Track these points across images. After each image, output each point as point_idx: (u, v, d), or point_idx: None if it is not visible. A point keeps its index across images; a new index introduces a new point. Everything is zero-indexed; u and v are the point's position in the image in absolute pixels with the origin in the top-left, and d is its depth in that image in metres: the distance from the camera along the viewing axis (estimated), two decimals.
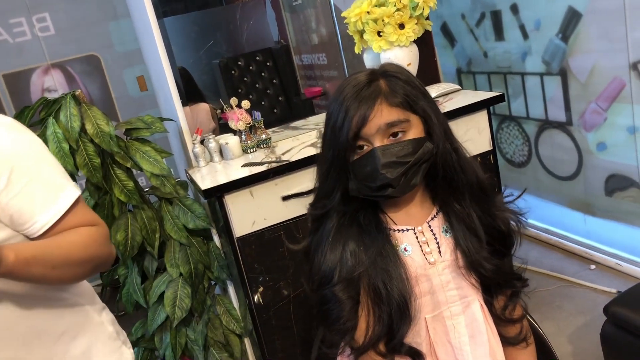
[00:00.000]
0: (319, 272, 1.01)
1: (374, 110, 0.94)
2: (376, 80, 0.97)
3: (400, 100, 0.95)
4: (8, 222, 0.93)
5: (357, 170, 0.97)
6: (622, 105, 2.30)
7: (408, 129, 0.96)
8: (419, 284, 1.02)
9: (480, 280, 1.04)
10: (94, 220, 1.02)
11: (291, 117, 2.75)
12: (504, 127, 3.06)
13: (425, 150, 0.97)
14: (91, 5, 3.35)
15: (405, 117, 0.95)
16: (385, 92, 0.95)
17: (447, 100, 2.17)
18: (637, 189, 2.36)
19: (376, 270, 0.98)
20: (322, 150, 1.02)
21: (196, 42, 3.27)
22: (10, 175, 0.92)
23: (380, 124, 0.94)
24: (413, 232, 1.04)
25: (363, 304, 1.00)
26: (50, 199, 0.96)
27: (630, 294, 1.76)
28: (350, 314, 0.98)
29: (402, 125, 0.95)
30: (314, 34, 3.01)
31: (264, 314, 1.88)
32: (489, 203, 1.04)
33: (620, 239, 2.55)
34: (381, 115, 0.94)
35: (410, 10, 2.00)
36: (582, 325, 2.28)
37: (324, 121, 1.01)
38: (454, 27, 3.18)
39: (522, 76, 2.79)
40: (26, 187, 0.93)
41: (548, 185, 2.86)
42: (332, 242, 1.00)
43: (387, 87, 0.96)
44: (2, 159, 0.92)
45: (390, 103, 0.95)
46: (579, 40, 2.39)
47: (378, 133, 0.94)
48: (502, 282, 1.04)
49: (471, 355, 1.03)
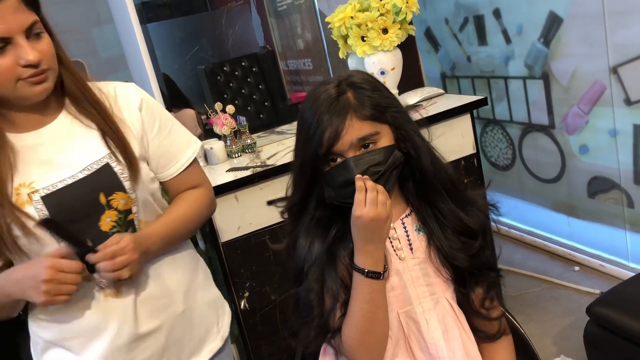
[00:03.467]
0: (294, 267, 1.06)
1: (345, 127, 0.97)
2: (344, 93, 0.99)
3: (369, 113, 0.98)
4: (154, 165, 1.13)
5: (331, 180, 1.01)
6: (603, 109, 2.33)
7: (379, 139, 0.99)
8: (388, 278, 1.04)
9: (455, 273, 1.06)
10: (203, 177, 1.22)
11: (277, 122, 2.75)
12: (488, 130, 3.09)
13: (396, 157, 1.00)
14: (74, 10, 3.33)
15: (375, 129, 0.99)
16: (354, 105, 0.98)
17: (431, 104, 2.19)
18: (619, 191, 2.39)
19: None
20: (294, 159, 1.06)
21: (181, 47, 3.26)
22: (160, 122, 1.14)
23: (352, 140, 0.97)
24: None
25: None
26: (186, 144, 1.18)
27: (613, 294, 1.78)
28: (321, 302, 1.02)
29: (374, 138, 0.99)
30: (299, 39, 3.02)
31: (250, 319, 1.87)
32: (461, 200, 1.07)
33: (603, 241, 2.58)
34: (352, 130, 0.97)
35: (394, 15, 2.02)
36: (566, 326, 2.30)
37: (296, 130, 1.04)
38: (438, 32, 3.20)
39: (505, 80, 2.82)
40: (171, 133, 1.15)
41: (532, 187, 2.89)
42: (303, 236, 1.05)
43: (355, 100, 0.98)
44: (152, 109, 1.14)
45: (360, 117, 0.97)
46: (560, 44, 2.42)
47: (351, 148, 0.98)
48: (477, 272, 1.06)
49: (445, 349, 1.05)
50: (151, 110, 1.13)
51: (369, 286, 0.98)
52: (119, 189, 1.05)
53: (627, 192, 2.36)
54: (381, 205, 0.95)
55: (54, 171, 1.02)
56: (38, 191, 1.00)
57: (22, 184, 1.00)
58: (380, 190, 0.95)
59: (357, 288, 0.99)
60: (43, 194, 1.00)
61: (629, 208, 2.37)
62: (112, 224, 1.05)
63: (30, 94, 0.99)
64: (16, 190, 0.99)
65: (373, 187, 0.95)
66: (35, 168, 1.02)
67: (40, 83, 0.99)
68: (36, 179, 1.01)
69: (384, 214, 0.95)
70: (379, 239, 0.98)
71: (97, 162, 1.04)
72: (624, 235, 2.45)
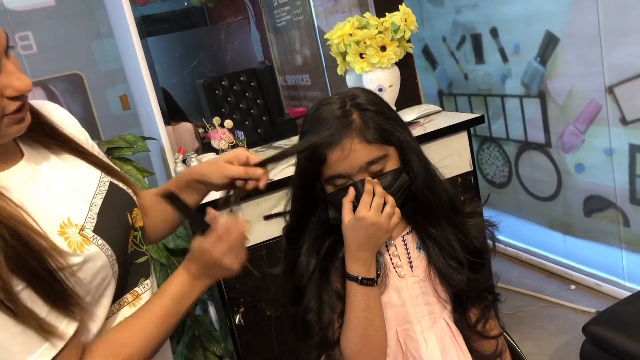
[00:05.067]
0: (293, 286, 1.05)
1: (352, 149, 0.96)
2: (350, 114, 0.98)
3: (375, 137, 0.97)
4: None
5: (338, 202, 0.99)
6: (599, 128, 2.34)
7: (386, 162, 0.99)
8: (388, 294, 1.04)
9: (453, 294, 1.06)
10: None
11: (275, 137, 2.76)
12: (485, 148, 3.10)
13: (403, 180, 1.00)
14: (74, 24, 3.35)
15: (383, 152, 0.98)
16: (360, 128, 0.97)
17: (428, 121, 2.20)
18: (615, 209, 2.40)
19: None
20: (294, 176, 1.05)
21: (180, 61, 3.28)
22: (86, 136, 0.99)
23: (361, 163, 0.96)
24: (385, 244, 1.07)
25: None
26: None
27: (609, 313, 1.78)
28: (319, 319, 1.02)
29: (382, 161, 0.98)
30: (297, 55, 3.03)
31: (245, 335, 1.86)
32: (461, 223, 1.06)
33: (599, 259, 2.58)
34: (360, 153, 0.96)
35: (392, 33, 2.03)
36: (562, 345, 2.29)
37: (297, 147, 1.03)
38: (435, 50, 3.23)
39: (502, 98, 2.84)
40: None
41: (528, 205, 2.89)
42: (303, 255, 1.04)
43: (361, 123, 0.97)
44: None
45: (366, 140, 0.96)
46: (556, 63, 2.44)
47: (360, 171, 0.97)
48: (474, 295, 1.05)
49: None
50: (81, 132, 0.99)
51: (363, 293, 0.98)
52: (134, 205, 0.95)
53: (623, 211, 2.36)
54: (386, 216, 0.94)
55: (77, 199, 0.84)
56: (85, 226, 0.81)
57: (62, 224, 0.79)
58: (390, 203, 0.95)
59: (351, 297, 0.98)
60: (92, 227, 0.82)
61: (625, 227, 2.38)
62: (131, 244, 0.92)
63: (14, 133, 0.78)
64: (61, 233, 0.78)
65: (382, 194, 0.94)
66: (51, 203, 0.81)
67: (24, 120, 0.79)
68: (68, 213, 0.81)
69: (385, 225, 0.95)
70: (373, 246, 0.97)
71: (102, 183, 0.91)
72: (619, 254, 2.45)
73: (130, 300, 0.90)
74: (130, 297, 0.90)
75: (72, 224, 0.80)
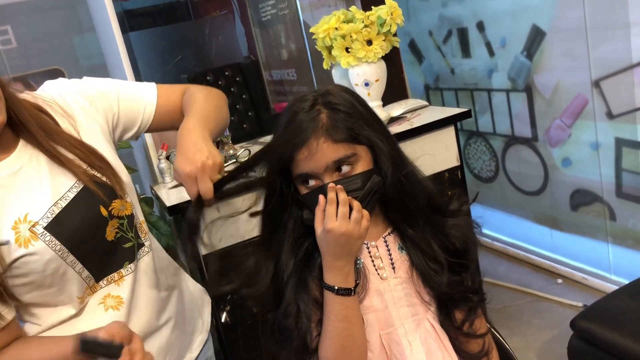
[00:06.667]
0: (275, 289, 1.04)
1: (318, 148, 0.93)
2: (319, 113, 0.96)
3: (343, 136, 0.95)
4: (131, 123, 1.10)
5: (310, 204, 0.98)
6: (586, 122, 2.35)
7: (356, 161, 0.96)
8: (370, 298, 1.02)
9: (436, 296, 1.04)
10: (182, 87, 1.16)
11: (260, 133, 2.73)
12: (472, 142, 3.09)
13: (374, 182, 0.97)
14: (55, 18, 3.29)
15: (351, 151, 0.95)
16: (327, 127, 0.94)
17: (415, 116, 2.18)
18: (601, 203, 2.41)
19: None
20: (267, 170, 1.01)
21: (164, 56, 3.24)
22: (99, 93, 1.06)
23: (327, 162, 0.94)
24: (366, 246, 1.04)
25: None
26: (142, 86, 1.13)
27: (596, 308, 1.78)
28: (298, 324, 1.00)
29: (350, 160, 0.95)
30: (283, 49, 3.01)
31: (231, 333, 1.84)
32: (441, 222, 1.04)
33: (585, 253, 2.59)
34: (327, 152, 0.94)
35: (378, 27, 2.01)
36: (550, 339, 2.29)
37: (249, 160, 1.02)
38: (422, 44, 3.22)
39: (488, 92, 2.84)
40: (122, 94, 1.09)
41: (515, 200, 2.89)
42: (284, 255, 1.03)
43: (328, 121, 0.95)
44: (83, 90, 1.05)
45: (332, 139, 0.94)
46: (543, 57, 2.44)
47: (326, 171, 0.95)
48: (458, 297, 1.04)
49: None
50: (85, 94, 1.05)
51: (340, 304, 0.96)
52: (114, 197, 1.00)
53: (609, 205, 2.37)
54: (354, 222, 0.92)
55: (42, 197, 0.92)
56: (38, 223, 0.90)
57: (16, 220, 0.89)
58: (355, 208, 0.92)
59: (329, 306, 0.96)
60: (44, 224, 0.90)
61: (611, 221, 2.39)
62: (116, 232, 1.01)
63: None
64: (13, 228, 0.88)
65: (345, 201, 0.92)
66: (18, 199, 0.91)
67: None
68: (29, 210, 0.90)
69: (356, 232, 0.92)
70: (347, 254, 0.95)
71: (75, 187, 0.97)
72: (606, 248, 2.46)
73: (116, 278, 1.02)
74: (117, 276, 1.02)
75: (27, 221, 0.89)
